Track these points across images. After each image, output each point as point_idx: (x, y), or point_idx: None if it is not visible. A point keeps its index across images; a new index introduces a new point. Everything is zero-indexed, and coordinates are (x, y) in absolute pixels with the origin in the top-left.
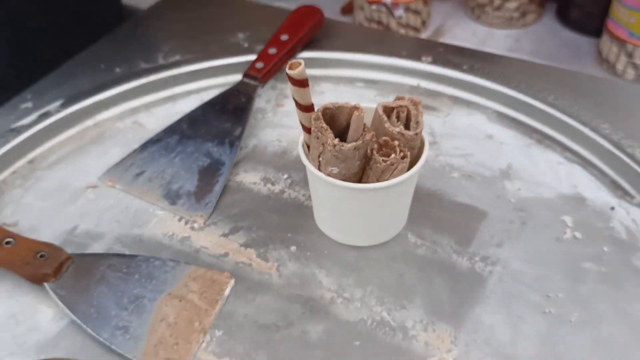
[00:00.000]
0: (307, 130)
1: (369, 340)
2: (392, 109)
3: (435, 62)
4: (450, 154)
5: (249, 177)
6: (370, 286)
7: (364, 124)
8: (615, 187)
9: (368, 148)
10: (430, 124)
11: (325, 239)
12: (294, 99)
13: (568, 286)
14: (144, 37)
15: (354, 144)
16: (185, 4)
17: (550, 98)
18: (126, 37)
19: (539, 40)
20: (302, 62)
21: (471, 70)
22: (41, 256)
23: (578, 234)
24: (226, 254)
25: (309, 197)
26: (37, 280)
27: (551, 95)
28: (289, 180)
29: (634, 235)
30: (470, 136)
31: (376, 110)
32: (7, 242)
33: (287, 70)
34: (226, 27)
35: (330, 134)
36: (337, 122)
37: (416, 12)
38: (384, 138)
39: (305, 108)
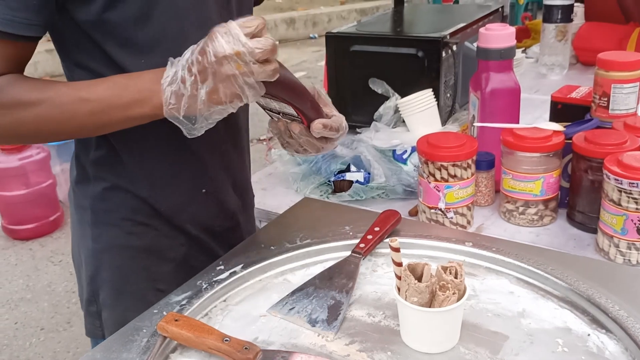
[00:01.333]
0: (398, 277)
1: None
2: (447, 267)
3: (474, 245)
4: (485, 302)
5: (358, 312)
6: None
7: (430, 274)
8: (591, 322)
9: (433, 287)
10: (472, 284)
11: (408, 349)
12: (392, 259)
13: None
14: (286, 227)
15: (425, 283)
16: (310, 207)
17: (549, 269)
18: (277, 227)
19: (554, 235)
20: (397, 239)
21: (497, 251)
22: (245, 348)
23: (566, 349)
24: (348, 355)
25: (397, 324)
26: None
27: (549, 267)
28: (383, 315)
29: (601, 350)
30: (498, 292)
31: (437, 267)
32: (226, 340)
33: (390, 243)
34: (338, 222)
35: (412, 278)
36: (415, 272)
37: (463, 215)
38: (442, 282)
39: (398, 264)
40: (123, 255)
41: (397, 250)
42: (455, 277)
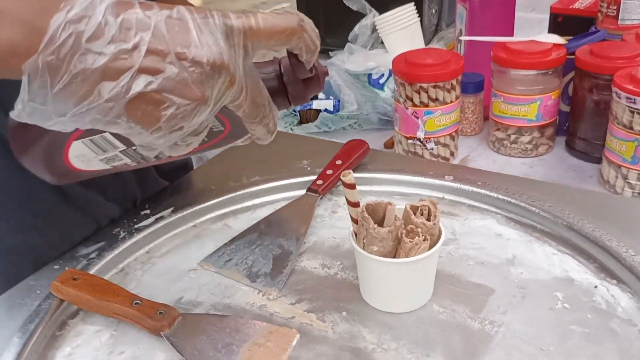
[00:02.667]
0: (354, 221)
1: None
2: (417, 207)
3: (455, 180)
4: (467, 247)
5: (311, 263)
6: (402, 340)
7: (395, 215)
8: (599, 271)
9: (399, 232)
10: (452, 225)
11: (369, 307)
12: (345, 198)
13: (557, 342)
14: (233, 162)
15: (387, 228)
16: None
17: (546, 205)
18: (221, 164)
19: (550, 166)
20: (352, 171)
21: (483, 186)
22: (160, 313)
23: (567, 305)
24: (293, 317)
25: (357, 278)
26: (156, 330)
27: (546, 203)
28: (341, 266)
29: (612, 306)
30: (483, 234)
31: (405, 207)
32: (136, 303)
33: (341, 177)
34: (294, 156)
35: (371, 221)
36: (376, 214)
37: (445, 145)
38: (410, 226)
39: (354, 204)
40: None
41: (351, 186)
42: (428, 219)
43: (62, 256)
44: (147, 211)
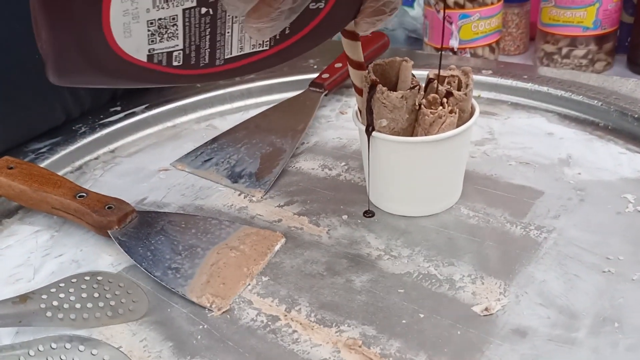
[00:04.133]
0: (358, 91)
1: (413, 289)
2: (444, 77)
3: (494, 74)
4: (508, 147)
5: (308, 164)
6: (418, 247)
7: (413, 77)
8: None
9: (416, 101)
10: (489, 125)
11: (378, 211)
12: (346, 56)
13: (630, 250)
14: None
15: (401, 92)
16: None
17: (611, 98)
18: None
19: None
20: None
21: (530, 80)
22: (109, 207)
23: None
24: (279, 220)
25: (364, 179)
26: (102, 227)
27: (612, 96)
28: (346, 167)
29: None
30: (529, 133)
31: (427, 76)
32: (81, 196)
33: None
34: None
35: (379, 85)
36: (388, 78)
37: (485, 59)
38: (433, 95)
39: (357, 65)
40: None
41: (352, 36)
42: (458, 90)
43: (7, 151)
44: (118, 107)
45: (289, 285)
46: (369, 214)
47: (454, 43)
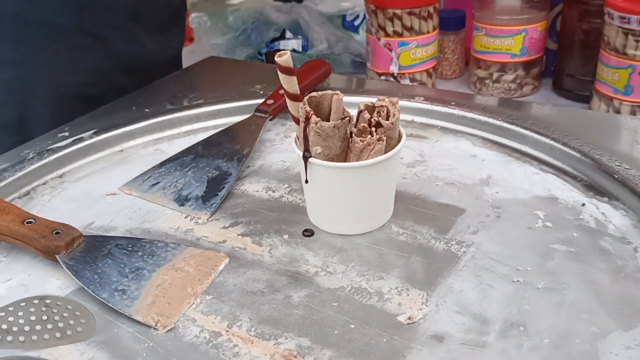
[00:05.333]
0: (295, 120)
1: (346, 302)
2: (374, 107)
3: (426, 100)
4: (436, 169)
5: (253, 187)
6: (352, 263)
7: (344, 109)
8: (587, 189)
9: (348, 130)
10: (420, 148)
11: (317, 230)
12: (283, 89)
13: (537, 262)
14: (175, 88)
15: (333, 122)
16: (213, 65)
17: (527, 124)
18: (160, 88)
19: None
20: (289, 51)
21: (457, 105)
22: (56, 233)
23: (549, 224)
24: (224, 241)
25: (305, 201)
26: (50, 252)
27: (528, 121)
28: (288, 189)
29: (602, 224)
30: (455, 156)
31: (358, 107)
32: (29, 222)
33: (276, 58)
34: (247, 81)
35: (313, 115)
36: (322, 109)
37: (421, 83)
38: (362, 124)
39: (294, 97)
40: None
41: (287, 71)
42: (386, 120)
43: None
44: (66, 133)
45: (232, 302)
46: (308, 232)
47: (393, 69)
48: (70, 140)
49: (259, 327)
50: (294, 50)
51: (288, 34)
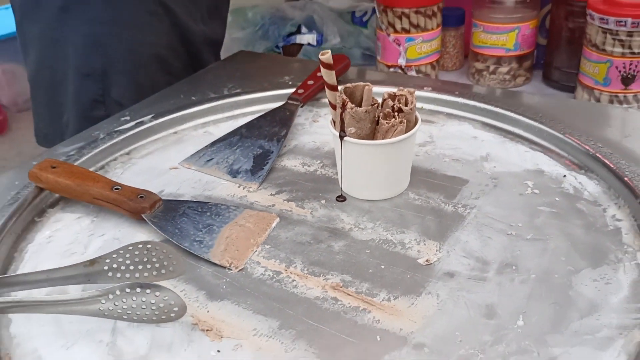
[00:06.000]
0: (332, 106)
1: (376, 250)
2: (395, 95)
3: (433, 90)
4: (443, 148)
5: (291, 162)
6: (379, 221)
7: (373, 97)
8: (568, 164)
9: (376, 114)
10: (430, 130)
11: (348, 197)
12: (324, 81)
13: (526, 220)
14: (215, 79)
15: (365, 107)
16: (245, 59)
17: (520, 110)
18: (201, 80)
19: None
20: (330, 51)
21: (460, 94)
22: (140, 197)
23: (537, 191)
24: (273, 205)
25: (336, 174)
26: (136, 212)
27: (521, 108)
28: (321, 164)
29: (579, 191)
30: (459, 137)
31: (383, 95)
32: (116, 188)
33: (319, 56)
34: (276, 73)
35: (349, 102)
36: (355, 97)
37: (426, 74)
38: (387, 110)
39: (332, 87)
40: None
41: (328, 66)
42: (405, 106)
43: (40, 155)
44: (127, 117)
45: (286, 250)
46: (341, 198)
47: (402, 61)
48: (132, 123)
49: (310, 268)
50: (308, 44)
51: (303, 29)
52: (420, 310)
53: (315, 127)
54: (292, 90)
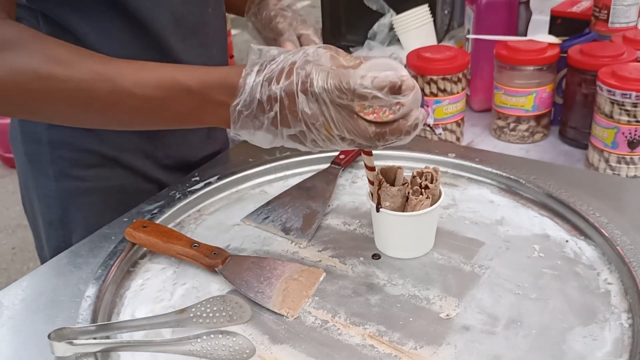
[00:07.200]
0: (371, 183)
1: (405, 304)
2: (422, 173)
3: (457, 157)
4: (464, 211)
5: (334, 221)
6: (408, 278)
7: (404, 177)
8: (570, 230)
9: (406, 191)
10: (452, 194)
11: (382, 255)
12: (364, 163)
13: (532, 280)
14: None
15: (397, 187)
16: None
17: (531, 178)
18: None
19: (544, 151)
20: None
21: (480, 162)
22: (214, 253)
23: (542, 254)
24: (320, 261)
25: (372, 232)
26: (211, 266)
27: (532, 176)
28: (359, 223)
29: (578, 255)
30: (478, 201)
31: (412, 173)
32: (195, 245)
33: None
34: None
35: (384, 182)
36: (389, 177)
37: (452, 131)
38: (416, 187)
39: (370, 168)
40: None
41: (368, 153)
42: (431, 182)
43: (128, 212)
44: (197, 178)
45: (332, 302)
46: (376, 256)
47: (430, 121)
48: (202, 184)
49: (351, 318)
50: None
51: None
52: (441, 358)
53: (354, 188)
54: (334, 154)
